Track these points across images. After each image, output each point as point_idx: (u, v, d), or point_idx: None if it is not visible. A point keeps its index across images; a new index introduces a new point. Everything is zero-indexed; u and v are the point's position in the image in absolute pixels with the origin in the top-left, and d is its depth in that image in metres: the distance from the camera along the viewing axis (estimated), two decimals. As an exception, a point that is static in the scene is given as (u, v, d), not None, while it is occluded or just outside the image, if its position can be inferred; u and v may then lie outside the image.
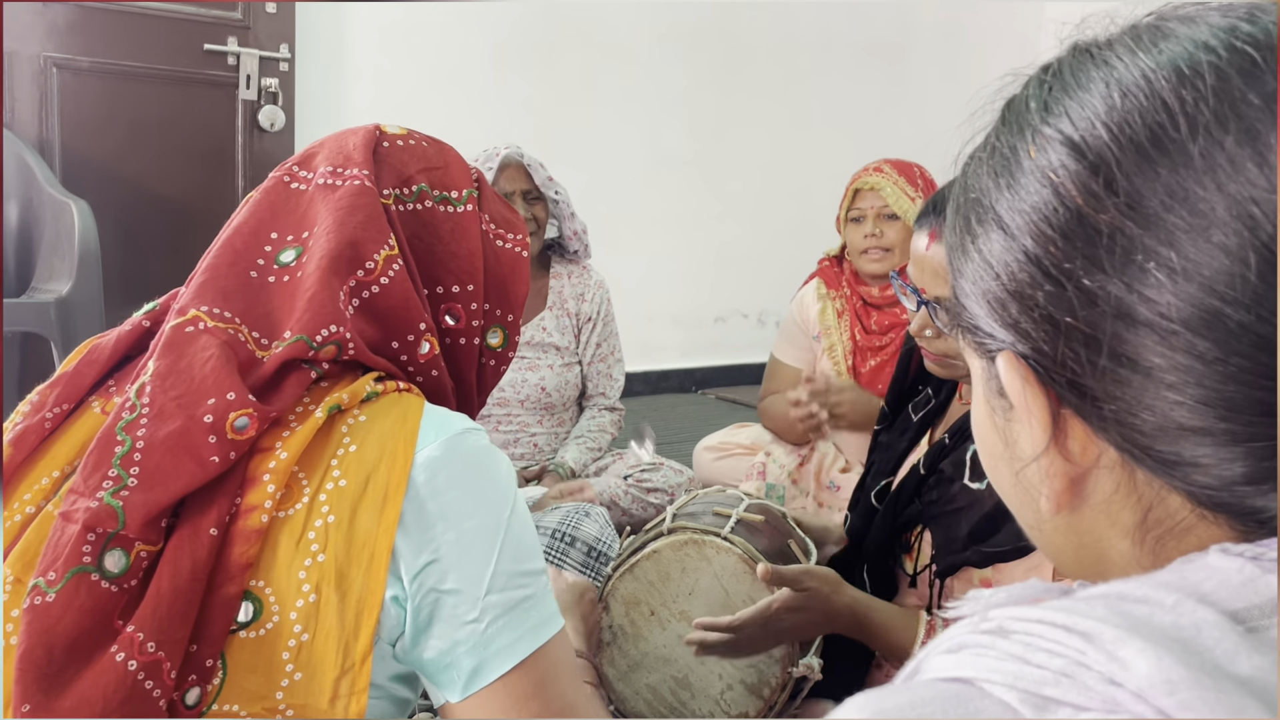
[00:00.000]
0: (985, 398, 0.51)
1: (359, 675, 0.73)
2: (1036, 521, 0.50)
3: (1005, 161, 0.46)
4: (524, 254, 0.98)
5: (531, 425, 2.42)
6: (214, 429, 0.75)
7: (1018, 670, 0.37)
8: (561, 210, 2.39)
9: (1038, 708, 0.36)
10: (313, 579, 0.74)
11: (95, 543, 0.72)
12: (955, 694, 0.38)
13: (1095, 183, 0.42)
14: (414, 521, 0.77)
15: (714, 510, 1.53)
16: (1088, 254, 0.42)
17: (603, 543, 1.59)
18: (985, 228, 0.47)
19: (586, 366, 2.50)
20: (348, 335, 0.83)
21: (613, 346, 2.53)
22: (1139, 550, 0.45)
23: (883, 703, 0.39)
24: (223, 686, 0.72)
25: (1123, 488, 0.45)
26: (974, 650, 0.39)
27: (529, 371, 2.40)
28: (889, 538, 1.46)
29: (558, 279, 2.48)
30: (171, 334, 0.81)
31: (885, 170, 2.34)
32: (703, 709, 1.43)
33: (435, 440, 0.80)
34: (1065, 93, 0.45)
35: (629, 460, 2.45)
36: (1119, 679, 0.35)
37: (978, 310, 0.48)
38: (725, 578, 1.42)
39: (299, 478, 0.77)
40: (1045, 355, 0.44)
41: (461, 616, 0.77)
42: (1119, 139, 0.41)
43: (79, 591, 0.71)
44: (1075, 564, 0.50)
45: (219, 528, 0.74)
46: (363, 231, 0.87)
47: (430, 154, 0.97)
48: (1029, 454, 0.47)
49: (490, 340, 0.97)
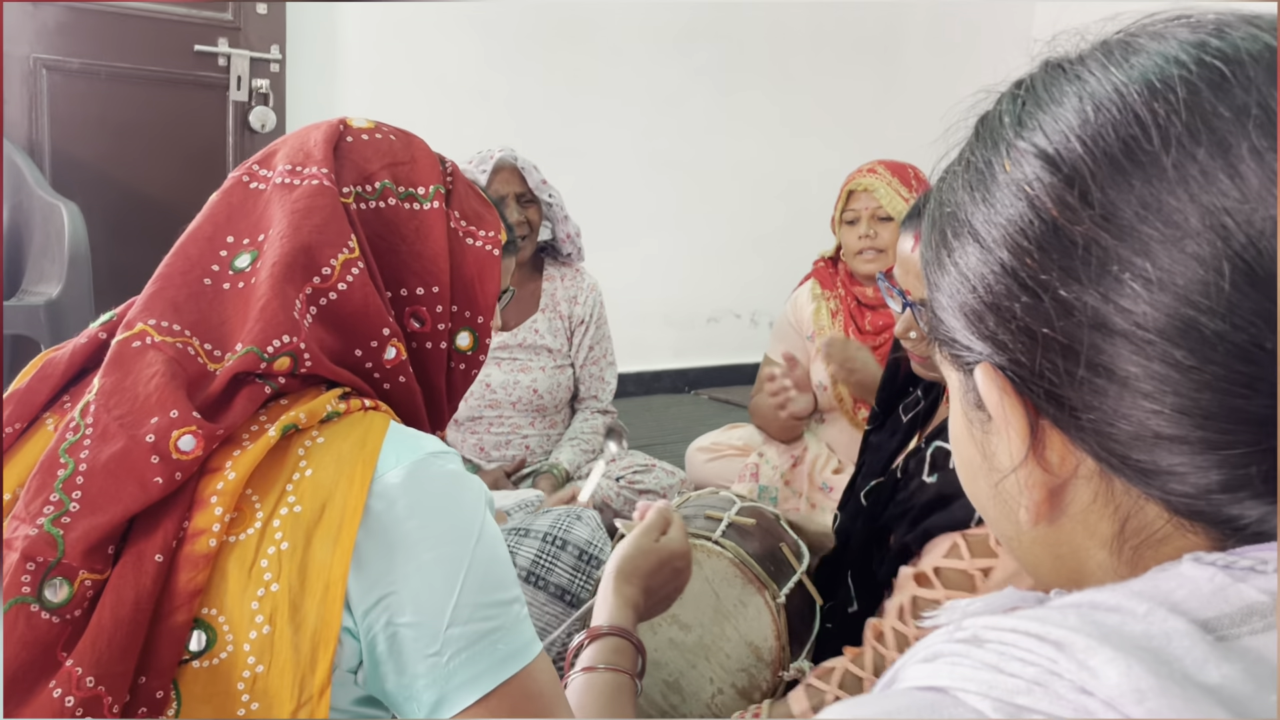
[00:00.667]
0: (963, 410, 0.52)
1: (317, 707, 0.70)
2: (1015, 533, 0.50)
3: (980, 176, 0.47)
4: (495, 252, 0.95)
5: (524, 427, 2.42)
6: (156, 449, 0.71)
7: (991, 679, 0.38)
8: (555, 213, 2.39)
9: (1011, 715, 0.37)
10: (266, 609, 0.71)
11: (35, 572, 0.68)
12: (930, 702, 0.39)
13: (1070, 195, 0.42)
14: (370, 553, 0.73)
15: (706, 514, 1.53)
16: (1064, 265, 0.42)
17: (594, 546, 1.59)
18: (961, 241, 0.47)
19: (579, 369, 2.50)
20: (302, 346, 0.79)
21: (605, 349, 2.53)
22: (1116, 560, 0.46)
23: (859, 711, 0.39)
24: (177, 718, 0.70)
25: (1100, 498, 0.45)
26: (949, 659, 0.40)
27: (521, 373, 2.39)
28: (869, 540, 1.47)
29: (550, 281, 2.48)
30: (117, 349, 0.78)
31: (879, 172, 2.34)
32: (694, 712, 1.43)
33: (397, 465, 0.76)
34: (1039, 107, 0.45)
35: (605, 456, 2.45)
36: (1090, 687, 0.36)
37: (955, 323, 0.48)
38: (716, 581, 1.42)
39: (251, 500, 0.74)
40: (1023, 366, 0.45)
41: (422, 650, 0.74)
42: (1093, 151, 0.42)
43: (17, 623, 0.67)
44: (1053, 575, 0.50)
45: (165, 554, 0.70)
46: (319, 235, 0.83)
47: (396, 148, 0.93)
48: (1007, 465, 0.47)
49: (459, 343, 0.93)
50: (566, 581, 1.55)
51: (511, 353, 2.40)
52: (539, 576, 1.54)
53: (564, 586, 1.56)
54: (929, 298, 0.51)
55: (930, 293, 0.51)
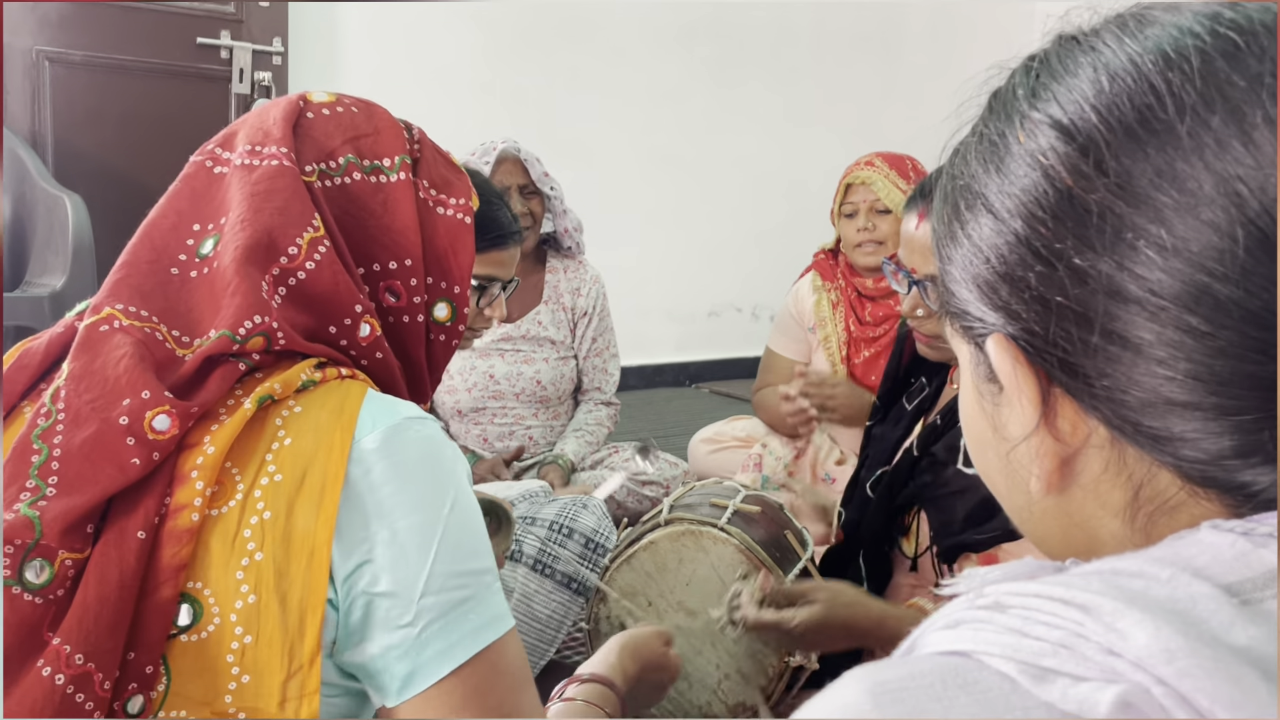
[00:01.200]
0: (973, 384, 0.52)
1: (308, 677, 0.70)
2: (1026, 503, 0.51)
3: (994, 148, 0.47)
4: (466, 220, 0.92)
5: (527, 418, 2.42)
6: (131, 430, 0.71)
7: (1016, 643, 0.38)
8: (556, 206, 2.39)
9: (1036, 678, 0.37)
10: (251, 579, 0.70)
11: (14, 555, 0.68)
12: (954, 666, 0.38)
13: (1085, 164, 0.43)
14: (347, 520, 0.73)
15: (711, 501, 1.54)
16: (1078, 234, 0.42)
17: (600, 534, 1.59)
18: (974, 213, 0.48)
19: (582, 361, 2.50)
20: (274, 325, 0.78)
21: (608, 341, 2.54)
22: (1129, 529, 0.46)
23: (881, 675, 0.39)
24: (168, 693, 0.70)
25: (1112, 466, 0.45)
26: (971, 625, 0.40)
27: (524, 365, 2.40)
28: (885, 522, 1.47)
29: (553, 274, 2.48)
30: (85, 334, 0.77)
31: (876, 164, 2.35)
32: (700, 699, 1.43)
33: (375, 429, 0.76)
34: (1053, 79, 0.46)
35: (631, 469, 2.46)
36: (1117, 649, 0.36)
37: (967, 295, 0.49)
38: (722, 568, 1.42)
39: (231, 473, 0.73)
40: (1036, 335, 0.45)
41: (395, 620, 0.73)
42: (1108, 121, 0.42)
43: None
44: (1063, 547, 0.50)
45: (147, 530, 0.70)
46: (280, 217, 0.81)
47: (359, 120, 0.91)
48: (1018, 435, 0.48)
49: (436, 314, 0.92)
50: (573, 570, 1.56)
51: (515, 344, 2.41)
52: (545, 565, 1.55)
53: (570, 574, 1.56)
54: (941, 271, 0.52)
55: (942, 266, 0.51)
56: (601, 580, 1.47)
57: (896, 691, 0.38)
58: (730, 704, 1.42)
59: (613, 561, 1.48)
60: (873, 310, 2.42)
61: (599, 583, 1.46)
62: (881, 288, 2.39)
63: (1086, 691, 0.36)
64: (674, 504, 1.55)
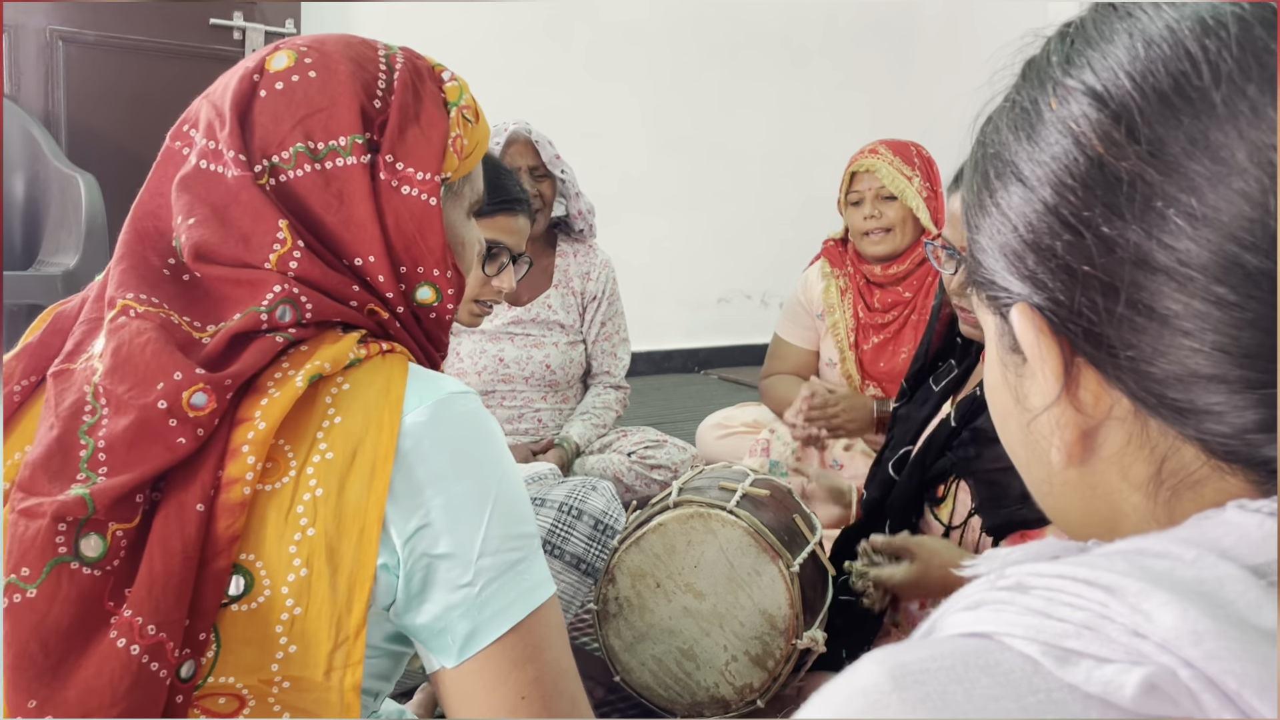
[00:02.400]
0: (998, 354, 0.51)
1: (353, 648, 0.72)
2: (1046, 475, 0.50)
3: (1025, 115, 0.47)
4: (431, 200, 0.84)
5: (536, 401, 2.43)
6: (172, 412, 0.72)
7: (1039, 624, 0.37)
8: (568, 189, 2.39)
9: (1059, 660, 0.36)
10: (303, 553, 0.72)
11: (67, 531, 0.70)
12: (976, 648, 0.38)
13: (1117, 131, 0.42)
14: (403, 488, 0.75)
15: (720, 485, 1.55)
16: (1107, 202, 0.42)
17: (609, 516, 1.60)
18: (1004, 181, 0.47)
19: (591, 345, 2.51)
20: (295, 291, 0.78)
21: (618, 325, 2.54)
22: (1152, 504, 0.45)
23: (902, 656, 0.39)
24: (217, 660, 0.72)
25: (1135, 439, 0.45)
26: (993, 606, 0.40)
27: (534, 349, 2.40)
28: (916, 492, 1.48)
29: (563, 257, 2.48)
30: (109, 329, 0.78)
31: (880, 151, 2.35)
32: (707, 680, 1.44)
33: (421, 405, 0.78)
34: (1088, 45, 0.45)
35: (634, 438, 2.47)
36: (1143, 630, 0.35)
37: (994, 265, 0.48)
38: (730, 551, 1.43)
39: (284, 449, 0.75)
40: (1061, 305, 0.44)
41: (455, 580, 0.75)
42: (1142, 88, 0.42)
43: (61, 582, 0.69)
44: (1084, 522, 0.50)
45: (205, 503, 0.72)
46: (243, 246, 0.79)
47: (312, 93, 0.82)
48: (1039, 406, 0.47)
49: (420, 298, 0.86)
50: (582, 551, 1.57)
51: (525, 328, 2.41)
52: (555, 546, 1.56)
53: (579, 556, 1.57)
54: (969, 241, 0.51)
55: (971, 236, 0.51)
56: (610, 562, 1.48)
57: (917, 673, 0.37)
58: (738, 685, 1.43)
59: (621, 543, 1.48)
60: (881, 297, 2.42)
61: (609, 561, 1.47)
62: (890, 275, 2.40)
63: (1111, 673, 0.35)
64: (683, 487, 1.56)
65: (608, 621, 1.49)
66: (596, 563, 1.59)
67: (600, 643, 1.50)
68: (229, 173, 0.81)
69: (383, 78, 0.86)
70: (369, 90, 0.84)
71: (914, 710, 0.36)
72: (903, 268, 2.39)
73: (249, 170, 0.80)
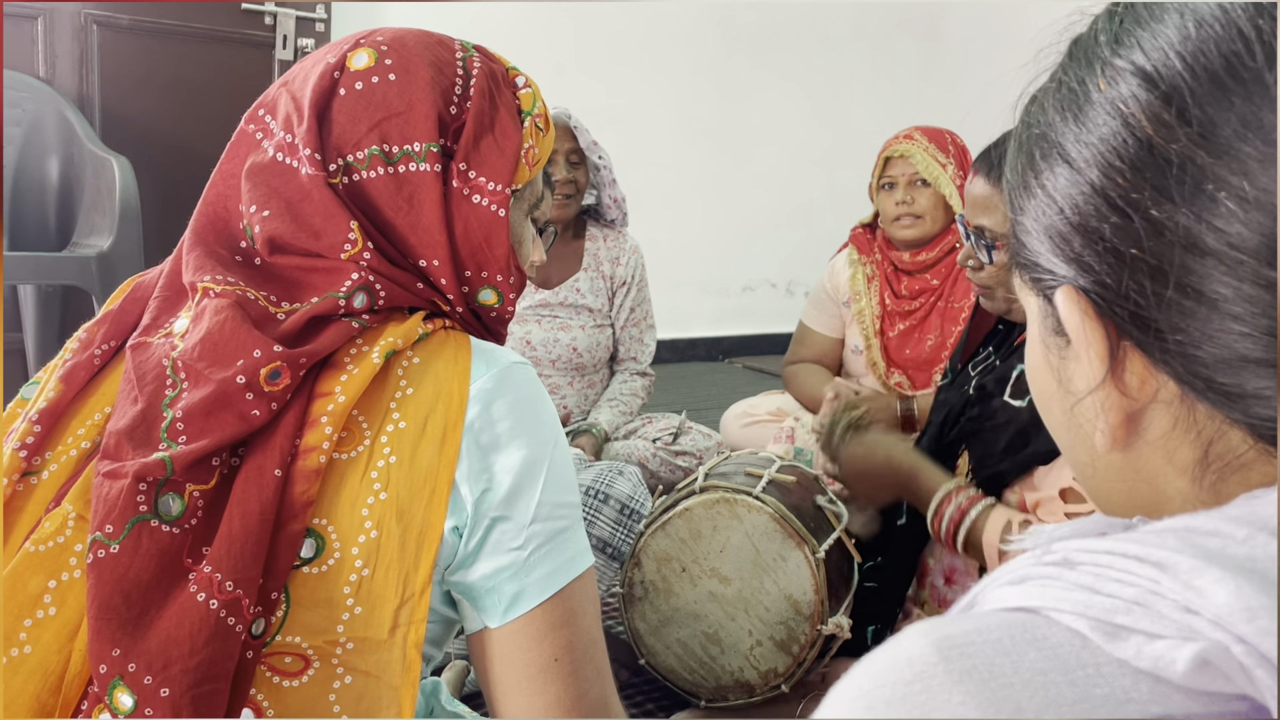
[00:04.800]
0: (1040, 337, 0.51)
1: (418, 605, 0.76)
2: (1090, 459, 0.50)
3: (1073, 95, 0.46)
4: (500, 212, 0.86)
5: (562, 386, 2.44)
6: (249, 387, 0.76)
7: (1087, 599, 0.37)
8: (603, 177, 2.40)
9: (1109, 635, 0.36)
10: (375, 516, 0.76)
11: (148, 491, 0.74)
12: (1022, 623, 0.38)
13: (1167, 112, 0.42)
14: (470, 453, 0.79)
15: (746, 470, 1.55)
16: (1157, 184, 0.42)
17: (635, 501, 1.61)
18: (1050, 162, 0.47)
19: (619, 331, 2.51)
20: (371, 278, 0.82)
21: (645, 312, 2.55)
22: (1198, 488, 0.45)
23: (946, 629, 0.38)
24: (285, 619, 0.75)
25: (1181, 423, 0.45)
26: (1039, 581, 0.39)
27: (561, 332, 2.41)
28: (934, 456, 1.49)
29: (593, 241, 2.49)
30: (195, 312, 0.81)
31: (916, 138, 2.34)
32: (732, 664, 1.45)
33: (486, 373, 0.82)
34: (1138, 24, 0.45)
35: (659, 424, 2.47)
36: (1195, 607, 0.35)
37: (1039, 247, 0.48)
38: (756, 536, 1.44)
39: (359, 421, 0.79)
40: (1108, 288, 0.44)
41: (508, 543, 0.79)
42: (1193, 68, 0.41)
43: (142, 539, 0.73)
44: (1127, 505, 0.49)
45: (283, 469, 0.76)
46: (315, 241, 0.82)
47: (390, 96, 0.84)
48: (1084, 389, 0.47)
49: (482, 299, 0.89)
50: (608, 534, 1.58)
51: (552, 310, 2.42)
52: (581, 529, 1.58)
53: (605, 539, 1.58)
54: (1013, 223, 0.51)
55: (1015, 218, 0.50)
56: (636, 546, 1.49)
57: (963, 646, 0.37)
58: (762, 670, 1.44)
59: (648, 527, 1.49)
60: (908, 284, 2.41)
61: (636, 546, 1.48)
62: (918, 262, 2.39)
63: (1163, 649, 0.35)
64: (709, 472, 1.57)
65: (633, 605, 1.50)
66: (622, 546, 1.61)
67: (626, 626, 1.51)
68: (304, 170, 0.83)
69: (459, 83, 0.87)
70: (446, 97, 0.86)
71: (960, 682, 0.36)
72: (931, 255, 2.38)
73: (323, 170, 0.83)
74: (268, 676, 0.75)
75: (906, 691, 0.37)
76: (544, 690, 0.80)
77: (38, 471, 0.79)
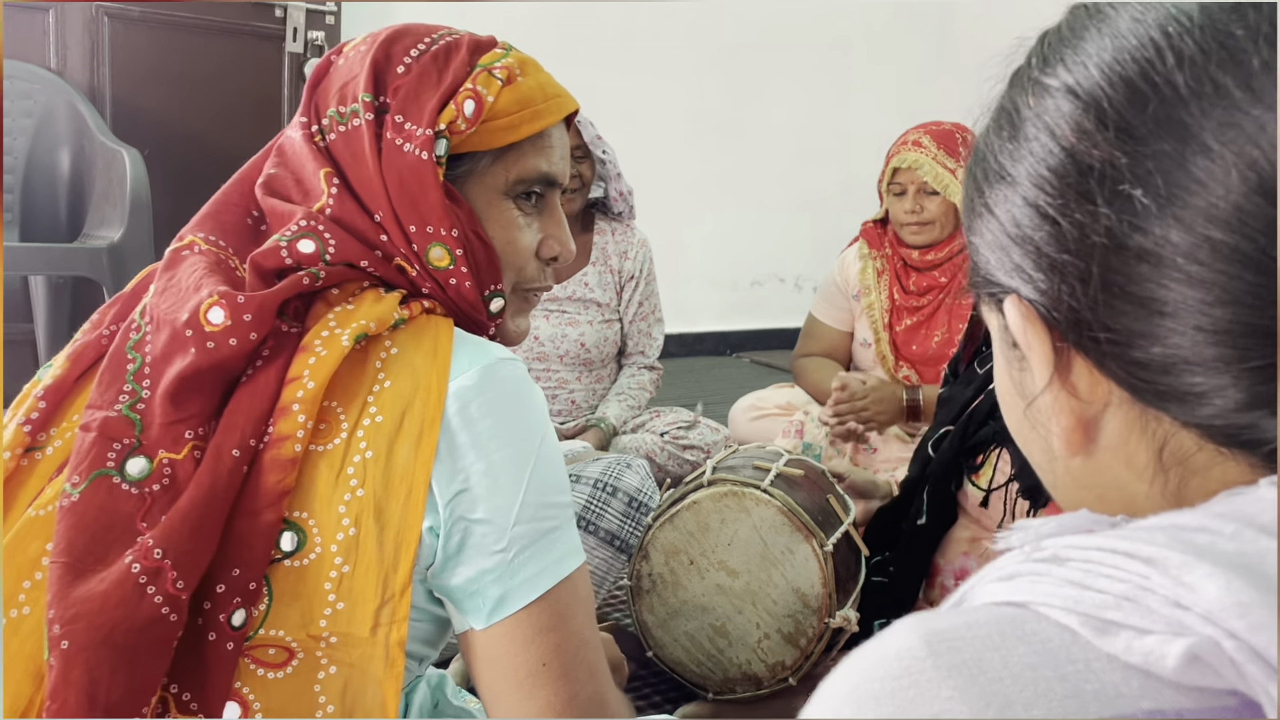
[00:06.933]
0: (1001, 350, 0.53)
1: (399, 605, 0.75)
2: (1050, 464, 0.51)
3: (1008, 117, 0.49)
4: (423, 155, 0.84)
5: (570, 381, 2.44)
6: (190, 324, 0.77)
7: (1077, 595, 0.37)
8: (609, 170, 2.40)
9: (1098, 630, 0.36)
10: (352, 513, 0.75)
11: (120, 452, 0.76)
12: (1011, 617, 0.38)
13: (1088, 121, 0.43)
14: (446, 451, 0.77)
15: (754, 464, 1.55)
16: (1080, 190, 0.43)
17: (644, 494, 1.61)
18: (989, 183, 0.49)
19: (627, 325, 2.51)
20: (319, 227, 0.82)
21: (654, 306, 2.55)
22: (1161, 494, 0.45)
23: (936, 624, 0.39)
24: (269, 612, 0.75)
25: (1136, 426, 0.45)
26: (1028, 577, 0.40)
27: (569, 326, 2.41)
28: (954, 460, 1.49)
29: (601, 235, 2.49)
30: (169, 257, 0.85)
31: (924, 144, 2.31)
32: (740, 657, 1.45)
33: (469, 369, 0.80)
34: (1062, 44, 0.47)
35: (667, 418, 2.47)
36: (1186, 602, 0.35)
37: (987, 263, 0.50)
38: (764, 529, 1.44)
39: (335, 411, 0.78)
40: (1046, 295, 0.46)
41: (490, 546, 0.78)
42: (1110, 77, 0.43)
43: (99, 492, 0.74)
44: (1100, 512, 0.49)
45: (241, 450, 0.75)
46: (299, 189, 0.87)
47: (353, 64, 0.88)
48: (1033, 394, 0.48)
49: (434, 259, 0.85)
50: (616, 527, 1.58)
51: (560, 305, 2.42)
52: (590, 522, 1.58)
53: (614, 532, 1.59)
54: (969, 246, 0.53)
55: (969, 239, 0.52)
56: (644, 538, 1.49)
57: (953, 640, 0.37)
58: (770, 663, 1.44)
59: (656, 520, 1.50)
60: (917, 280, 2.41)
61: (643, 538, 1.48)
62: (928, 260, 2.38)
63: (1153, 644, 0.35)
64: (717, 465, 1.57)
65: (641, 597, 1.50)
66: (630, 539, 1.61)
67: (633, 618, 1.52)
68: (297, 134, 0.88)
69: (419, 48, 0.88)
70: (396, 59, 0.87)
71: (949, 677, 0.36)
72: (940, 255, 2.38)
73: (308, 130, 0.88)
74: (252, 670, 0.74)
75: (895, 686, 0.37)
76: (533, 695, 0.79)
77: (41, 447, 0.81)
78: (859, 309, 2.50)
